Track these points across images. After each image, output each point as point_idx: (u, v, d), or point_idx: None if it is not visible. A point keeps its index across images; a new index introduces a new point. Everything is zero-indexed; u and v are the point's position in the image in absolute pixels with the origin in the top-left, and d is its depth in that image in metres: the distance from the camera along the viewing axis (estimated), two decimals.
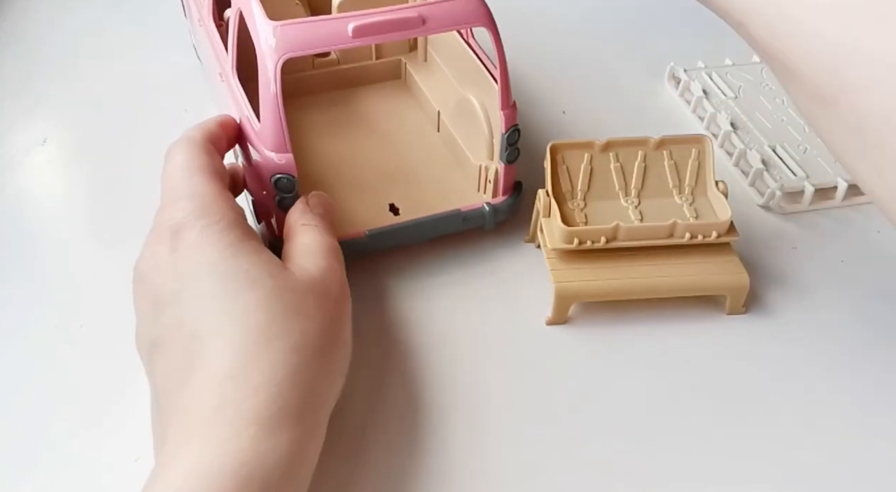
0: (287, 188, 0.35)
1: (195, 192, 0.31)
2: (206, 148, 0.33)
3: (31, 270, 0.40)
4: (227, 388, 0.26)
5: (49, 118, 0.50)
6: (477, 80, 0.41)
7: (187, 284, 0.28)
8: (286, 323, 0.28)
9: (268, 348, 0.27)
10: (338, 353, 0.30)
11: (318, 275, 0.31)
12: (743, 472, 0.32)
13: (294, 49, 0.33)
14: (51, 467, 0.32)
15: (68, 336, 0.36)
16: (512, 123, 0.38)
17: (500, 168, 0.40)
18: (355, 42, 0.33)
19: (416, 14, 0.34)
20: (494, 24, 0.36)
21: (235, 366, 0.26)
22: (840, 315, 0.39)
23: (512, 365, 0.36)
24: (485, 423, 0.34)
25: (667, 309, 0.38)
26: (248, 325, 0.27)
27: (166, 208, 0.31)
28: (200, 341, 0.27)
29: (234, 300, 0.28)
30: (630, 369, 0.36)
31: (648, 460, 0.32)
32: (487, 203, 0.40)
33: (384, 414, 0.34)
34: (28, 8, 0.59)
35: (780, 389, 0.35)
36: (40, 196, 0.45)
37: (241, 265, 0.29)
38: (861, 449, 0.33)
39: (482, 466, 0.32)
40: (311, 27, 0.33)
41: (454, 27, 0.36)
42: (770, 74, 0.53)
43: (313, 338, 0.28)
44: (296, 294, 0.29)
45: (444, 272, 0.40)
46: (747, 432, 0.34)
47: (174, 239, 0.29)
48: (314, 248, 0.32)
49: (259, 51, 0.33)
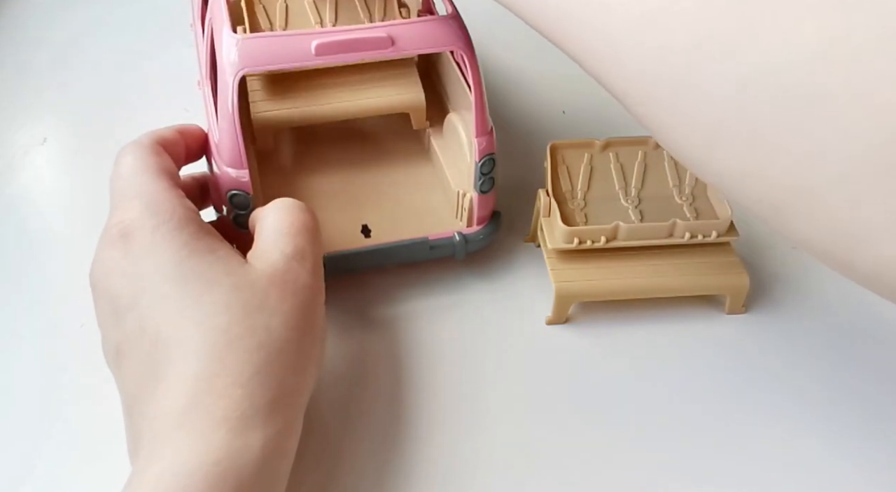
0: (242, 205, 0.34)
1: (143, 191, 0.30)
2: (154, 149, 0.32)
3: (30, 269, 0.40)
4: (194, 393, 0.26)
5: (49, 117, 0.50)
6: (465, 103, 0.39)
7: (145, 289, 0.28)
8: (248, 321, 0.27)
9: (231, 350, 0.27)
10: (308, 344, 0.29)
11: (281, 264, 0.30)
12: (743, 471, 0.32)
13: (253, 64, 0.32)
14: (50, 467, 0.32)
15: (68, 335, 0.36)
16: (487, 152, 0.37)
17: (475, 198, 0.38)
18: (317, 60, 0.32)
19: (384, 34, 0.33)
20: (471, 49, 0.35)
21: (201, 371, 0.26)
22: (840, 314, 0.39)
23: (512, 365, 0.36)
24: (484, 422, 0.34)
25: (667, 309, 0.38)
26: (209, 328, 0.27)
27: (115, 211, 0.30)
28: (165, 347, 0.27)
29: (194, 304, 0.27)
30: (630, 369, 0.36)
31: (648, 459, 0.33)
32: (459, 232, 0.38)
33: (380, 414, 0.34)
34: (27, 7, 0.59)
35: (780, 388, 0.35)
36: (40, 195, 0.45)
37: (196, 266, 0.28)
38: (863, 448, 0.33)
39: (480, 464, 0.32)
40: (272, 42, 0.32)
41: (427, 50, 0.34)
42: None
43: (279, 333, 0.28)
44: (256, 290, 0.28)
45: (444, 272, 0.40)
46: (747, 431, 0.34)
47: (126, 242, 0.29)
48: (282, 229, 0.31)
49: (219, 63, 0.32)
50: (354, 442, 0.33)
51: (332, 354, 0.36)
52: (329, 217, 0.39)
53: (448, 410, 0.34)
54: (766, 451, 0.33)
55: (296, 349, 0.28)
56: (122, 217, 0.29)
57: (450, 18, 0.35)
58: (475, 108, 0.36)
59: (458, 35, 0.34)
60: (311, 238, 0.31)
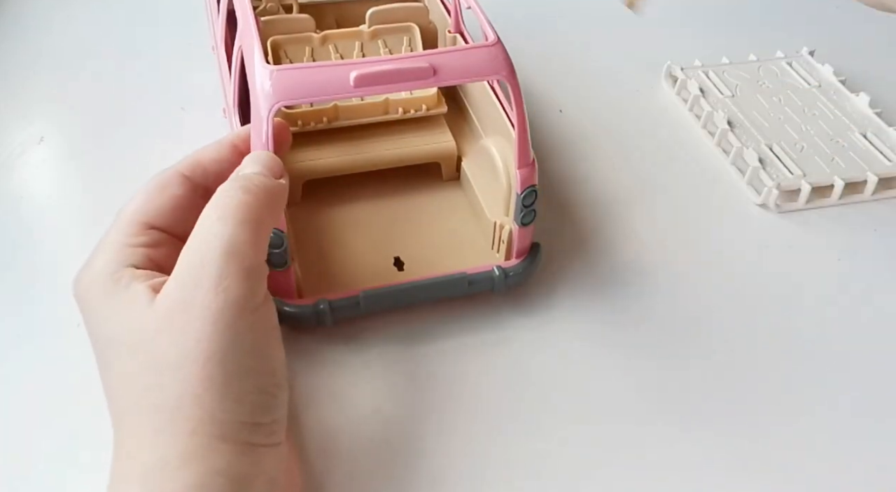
0: (276, 243, 0.32)
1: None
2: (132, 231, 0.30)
3: (26, 269, 0.40)
4: (112, 459, 0.26)
5: (45, 117, 0.50)
6: (499, 128, 0.38)
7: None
8: (147, 380, 0.26)
9: (131, 420, 0.26)
10: (234, 378, 0.26)
11: (174, 292, 0.26)
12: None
13: (289, 97, 0.30)
14: (49, 467, 0.32)
15: (65, 335, 0.36)
16: (529, 184, 0.35)
17: (515, 229, 0.36)
18: (356, 92, 0.30)
19: (426, 64, 0.31)
20: (515, 78, 0.33)
21: (116, 434, 0.26)
22: (837, 312, 0.39)
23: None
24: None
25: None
26: (121, 400, 0.26)
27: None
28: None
29: (108, 373, 0.27)
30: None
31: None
32: (498, 266, 0.36)
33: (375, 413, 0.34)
34: (25, 6, 0.59)
35: (769, 387, 0.35)
36: (36, 195, 0.44)
37: (102, 331, 0.27)
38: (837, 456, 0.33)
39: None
40: (309, 73, 0.30)
41: (470, 79, 0.33)
42: (767, 73, 0.53)
43: (180, 383, 0.25)
44: (150, 340, 0.26)
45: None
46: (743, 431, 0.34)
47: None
48: (195, 235, 0.27)
49: (253, 94, 0.31)
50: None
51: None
52: (360, 250, 0.38)
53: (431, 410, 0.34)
54: (768, 451, 0.33)
55: (203, 399, 0.25)
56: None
57: (492, 46, 0.33)
58: (518, 139, 0.34)
59: (502, 64, 0.33)
60: (227, 251, 0.26)
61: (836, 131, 0.48)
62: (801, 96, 0.51)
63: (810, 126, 0.49)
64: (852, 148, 0.47)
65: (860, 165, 0.46)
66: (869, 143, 0.48)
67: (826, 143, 0.48)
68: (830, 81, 0.53)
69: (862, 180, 0.45)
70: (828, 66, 0.53)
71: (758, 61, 0.54)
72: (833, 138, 0.48)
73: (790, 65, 0.54)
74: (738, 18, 0.61)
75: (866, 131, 0.48)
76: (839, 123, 0.49)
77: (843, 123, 0.49)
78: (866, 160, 0.46)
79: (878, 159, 0.46)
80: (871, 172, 0.45)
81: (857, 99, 0.51)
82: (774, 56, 0.55)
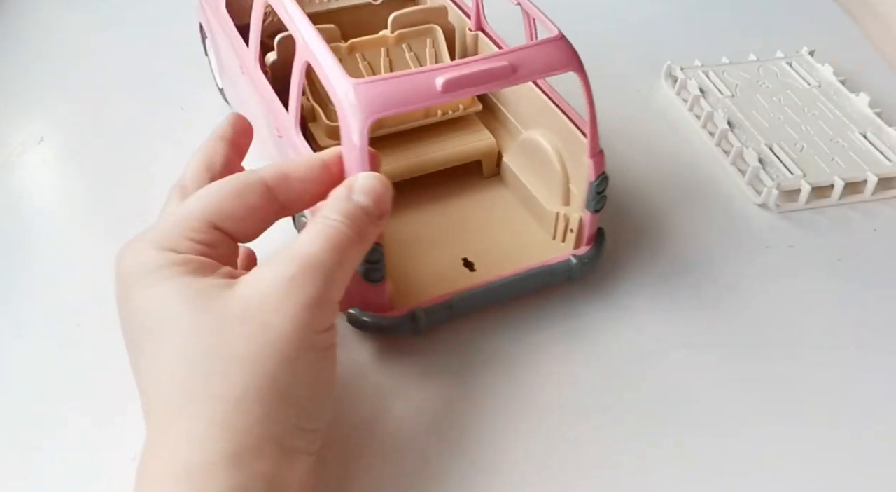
0: (374, 258, 0.32)
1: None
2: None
3: (26, 269, 0.40)
4: (147, 450, 0.25)
5: (45, 117, 0.50)
6: (542, 118, 0.38)
7: (125, 335, 0.28)
8: (211, 367, 0.25)
9: (183, 411, 0.25)
10: (288, 389, 0.26)
11: (255, 300, 0.26)
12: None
13: (380, 109, 0.30)
14: (48, 467, 0.32)
15: (65, 335, 0.36)
16: (601, 171, 0.36)
17: (587, 217, 0.37)
18: (444, 98, 0.31)
19: (506, 63, 0.31)
20: (584, 70, 0.34)
21: (153, 432, 0.26)
22: (837, 313, 0.39)
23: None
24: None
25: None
26: (167, 387, 0.26)
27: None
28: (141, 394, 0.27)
29: (153, 358, 0.26)
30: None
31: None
32: (574, 255, 0.37)
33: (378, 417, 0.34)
34: (25, 6, 0.59)
35: (770, 386, 0.35)
36: (36, 195, 0.45)
37: (151, 313, 0.27)
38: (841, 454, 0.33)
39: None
40: (393, 84, 0.30)
41: (545, 75, 0.33)
42: (767, 73, 0.53)
43: (250, 376, 0.25)
44: (221, 329, 0.26)
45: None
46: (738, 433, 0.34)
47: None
48: (285, 259, 0.27)
49: (341, 111, 0.30)
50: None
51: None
52: (426, 255, 0.38)
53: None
54: (761, 450, 0.33)
55: (266, 396, 0.25)
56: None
57: (559, 40, 0.34)
58: (590, 128, 0.35)
59: (572, 57, 0.34)
60: (316, 284, 0.27)
61: (836, 131, 0.48)
62: (801, 96, 0.51)
63: (810, 126, 0.49)
64: (852, 148, 0.47)
65: (860, 165, 0.46)
66: (869, 143, 0.48)
67: (826, 143, 0.48)
68: (830, 81, 0.53)
69: (862, 180, 0.45)
70: (828, 66, 0.53)
71: (758, 61, 0.54)
72: (833, 138, 0.48)
73: (790, 65, 0.54)
74: (738, 18, 0.61)
75: (866, 131, 0.48)
76: (839, 123, 0.49)
77: (842, 123, 0.49)
78: (866, 160, 0.46)
79: (878, 159, 0.46)
80: (871, 172, 0.45)
81: (857, 99, 0.51)
82: (774, 56, 0.55)
